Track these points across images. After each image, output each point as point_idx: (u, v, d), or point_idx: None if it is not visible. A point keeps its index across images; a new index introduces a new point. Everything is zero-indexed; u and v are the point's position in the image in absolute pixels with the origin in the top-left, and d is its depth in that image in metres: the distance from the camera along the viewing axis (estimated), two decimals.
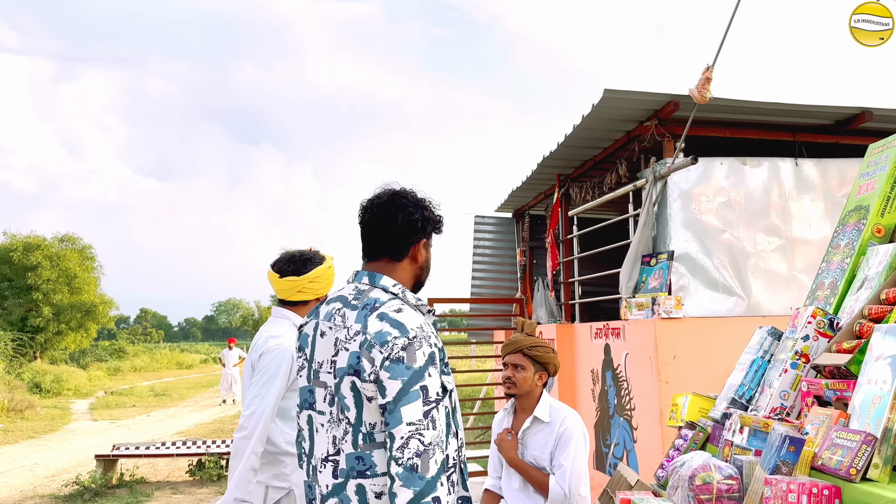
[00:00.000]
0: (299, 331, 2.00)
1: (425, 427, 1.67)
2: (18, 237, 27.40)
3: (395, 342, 1.71)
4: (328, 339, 1.83)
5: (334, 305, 1.88)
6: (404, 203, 1.91)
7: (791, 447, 2.02)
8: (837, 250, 2.82)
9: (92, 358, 31.30)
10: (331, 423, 1.79)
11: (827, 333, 2.46)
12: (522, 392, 3.13)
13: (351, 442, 1.74)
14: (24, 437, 13.22)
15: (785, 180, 5.09)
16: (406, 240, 1.91)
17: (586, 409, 5.94)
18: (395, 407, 1.67)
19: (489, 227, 9.23)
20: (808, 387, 2.32)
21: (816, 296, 2.82)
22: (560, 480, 2.95)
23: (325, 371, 1.81)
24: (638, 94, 4.75)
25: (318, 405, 1.83)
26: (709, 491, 2.14)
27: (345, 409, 1.74)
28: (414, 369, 1.70)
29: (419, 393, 1.69)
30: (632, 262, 5.12)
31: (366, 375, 1.70)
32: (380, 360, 1.70)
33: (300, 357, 1.95)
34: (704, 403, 2.83)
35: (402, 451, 1.65)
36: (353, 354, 1.73)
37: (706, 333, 4.66)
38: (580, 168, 6.52)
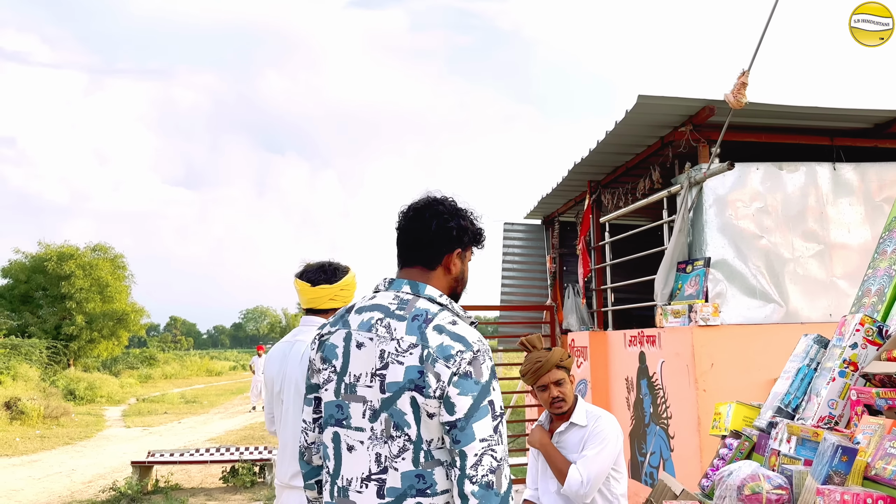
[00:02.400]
0: (319, 340, 1.88)
1: (496, 442, 1.64)
2: (52, 247, 27.94)
3: (461, 356, 1.65)
4: (370, 350, 1.72)
5: (372, 315, 1.77)
6: (440, 210, 1.86)
7: (843, 457, 1.99)
8: (884, 256, 2.77)
9: (124, 365, 31.78)
10: (373, 440, 1.69)
11: (876, 341, 2.42)
12: (570, 403, 3.11)
13: (411, 460, 1.65)
14: (60, 443, 13.44)
15: (822, 185, 5.02)
16: (439, 248, 1.84)
17: (621, 417, 5.89)
18: (466, 424, 1.61)
19: (518, 234, 9.22)
20: (857, 395, 2.28)
21: (863, 303, 2.78)
22: (581, 467, 2.92)
23: (365, 385, 1.71)
24: (672, 99, 4.72)
25: (355, 421, 1.72)
26: (758, 501, 2.11)
27: (402, 425, 1.65)
28: (482, 384, 1.65)
29: (488, 408, 1.64)
30: (667, 269, 5.07)
31: (430, 391, 1.63)
32: (447, 375, 1.63)
33: (325, 369, 1.82)
34: (748, 412, 2.80)
35: (477, 469, 1.60)
36: (412, 369, 1.65)
37: (744, 341, 4.60)
38: (612, 174, 6.49)
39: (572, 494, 2.97)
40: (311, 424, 1.91)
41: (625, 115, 4.94)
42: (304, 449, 1.96)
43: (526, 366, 3.14)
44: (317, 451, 1.93)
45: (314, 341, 1.89)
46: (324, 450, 1.81)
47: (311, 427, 1.90)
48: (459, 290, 1.92)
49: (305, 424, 1.92)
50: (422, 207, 1.86)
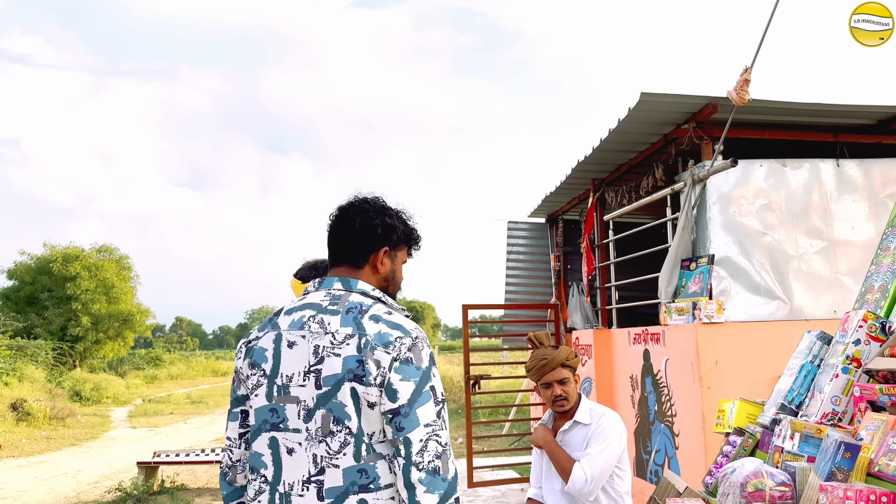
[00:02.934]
0: (246, 347, 1.79)
1: (440, 427, 1.62)
2: (58, 248, 28.05)
3: (400, 342, 1.64)
4: (302, 348, 1.67)
5: (304, 313, 1.73)
6: (365, 208, 1.83)
7: (846, 453, 1.99)
8: (887, 252, 2.76)
9: (129, 366, 31.89)
10: (309, 440, 1.62)
11: (879, 337, 2.42)
12: (573, 403, 3.11)
13: (352, 454, 1.60)
14: (66, 444, 13.50)
15: (826, 181, 5.01)
16: (364, 245, 1.81)
17: (626, 415, 5.89)
18: (410, 409, 1.59)
19: (522, 232, 9.21)
20: (861, 392, 2.28)
21: (866, 299, 2.77)
22: (585, 465, 2.92)
23: (298, 385, 1.65)
24: (675, 96, 4.71)
25: (292, 423, 1.65)
26: (761, 498, 2.11)
27: (343, 418, 1.60)
28: (423, 369, 1.64)
29: (430, 393, 1.63)
30: (671, 267, 5.07)
31: (371, 379, 1.59)
32: (387, 361, 1.60)
33: (253, 374, 1.73)
34: (752, 409, 2.80)
35: (423, 455, 1.57)
36: (350, 359, 1.61)
37: (748, 338, 4.59)
38: (615, 172, 6.48)
39: (576, 492, 2.97)
40: (236, 441, 1.80)
41: (628, 112, 4.93)
42: (227, 468, 1.85)
43: (531, 362, 3.15)
44: (242, 470, 1.82)
45: (240, 350, 1.81)
46: (256, 459, 1.71)
47: (237, 444, 1.80)
48: (391, 291, 1.88)
49: (230, 441, 1.82)
50: (347, 207, 1.85)
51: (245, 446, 1.81)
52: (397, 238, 1.86)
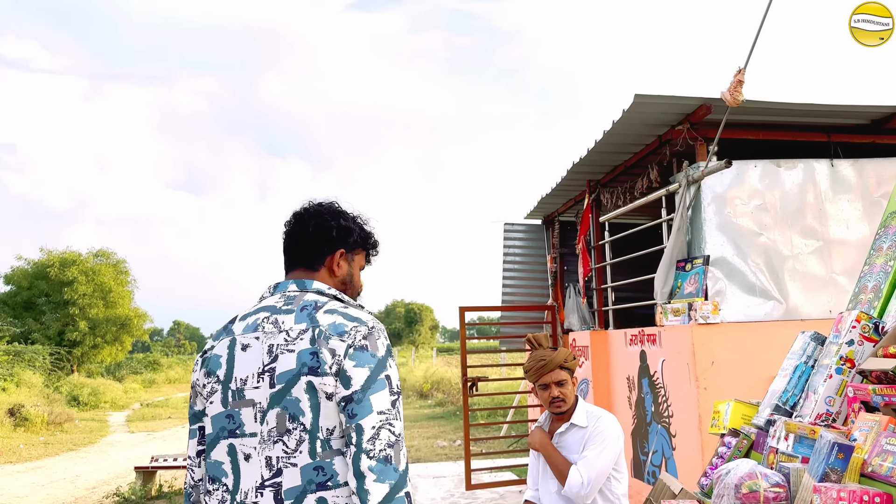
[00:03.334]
0: (202, 358, 1.74)
1: (394, 417, 1.58)
2: (55, 253, 28.01)
3: (355, 330, 1.61)
4: (256, 350, 1.64)
5: (258, 316, 1.70)
6: (319, 211, 1.82)
7: (840, 454, 2.00)
8: (880, 253, 2.77)
9: (127, 371, 31.86)
10: (263, 443, 1.59)
11: (872, 338, 2.42)
12: (571, 404, 3.12)
13: (308, 451, 1.55)
14: (64, 449, 13.47)
15: (821, 182, 5.02)
16: (320, 248, 1.80)
17: (623, 416, 5.89)
18: (363, 396, 1.55)
19: (519, 234, 9.22)
20: (854, 392, 2.29)
21: (860, 299, 2.78)
22: (582, 468, 2.93)
23: (252, 387, 1.61)
24: (669, 98, 4.72)
25: (248, 427, 1.61)
26: (755, 499, 2.11)
27: (298, 415, 1.56)
28: (378, 358, 1.60)
29: (385, 382, 1.59)
30: (667, 268, 5.08)
31: (326, 368, 1.55)
32: (342, 348, 1.57)
33: (208, 382, 1.68)
34: (747, 410, 2.80)
35: (374, 443, 1.53)
36: (304, 352, 1.57)
37: (744, 338, 4.60)
38: (611, 173, 6.49)
39: (573, 495, 2.97)
40: (196, 459, 1.74)
41: (622, 114, 4.94)
42: (190, 489, 1.76)
43: (529, 363, 3.15)
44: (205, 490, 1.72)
45: (196, 363, 1.76)
46: (216, 469, 1.65)
47: (197, 462, 1.73)
48: (350, 294, 1.85)
49: (191, 460, 1.75)
50: (302, 212, 1.84)
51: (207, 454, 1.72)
52: (353, 241, 1.84)
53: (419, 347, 47.83)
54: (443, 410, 16.95)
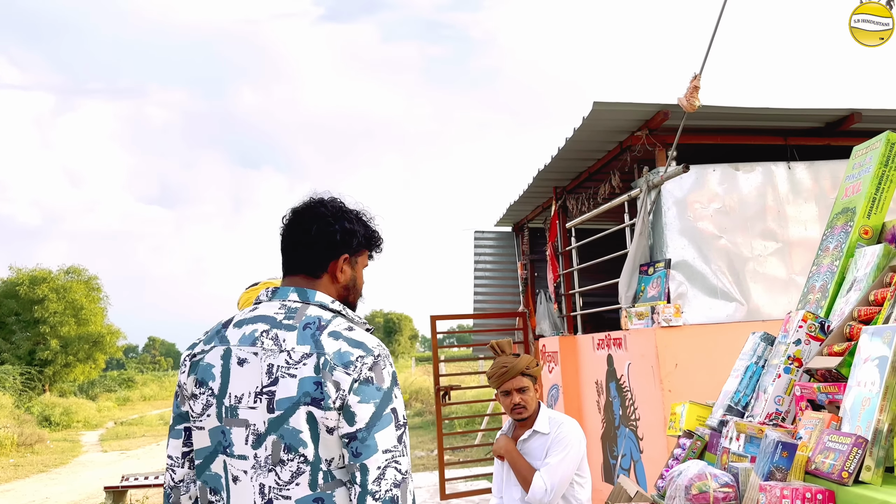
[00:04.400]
0: (191, 362, 1.65)
1: (400, 454, 1.51)
2: (24, 271, 27.58)
3: (361, 362, 1.52)
4: (254, 367, 1.54)
5: (256, 327, 1.59)
6: (322, 212, 1.69)
7: (784, 452, 2.03)
8: (826, 253, 2.83)
9: (101, 389, 31.39)
10: (256, 469, 1.51)
11: (818, 337, 2.47)
12: (532, 411, 3.14)
13: (308, 483, 1.49)
14: (34, 471, 13.22)
15: (778, 184, 5.11)
16: (322, 254, 1.68)
17: (592, 420, 5.93)
18: (368, 434, 1.48)
19: (489, 241, 9.26)
20: (801, 391, 2.33)
21: (808, 299, 2.83)
22: (545, 475, 2.95)
23: (248, 406, 1.53)
24: (627, 105, 4.78)
25: (237, 448, 1.53)
26: (705, 500, 2.14)
27: (297, 445, 1.49)
28: (384, 390, 1.53)
29: (391, 416, 1.52)
30: (630, 272, 5.13)
31: (329, 402, 1.48)
32: (347, 382, 1.49)
33: (201, 393, 1.59)
34: (702, 411, 2.84)
35: (380, 483, 1.47)
36: (307, 380, 1.49)
37: (706, 340, 4.65)
38: (576, 180, 6.55)
39: (536, 502, 2.99)
40: (179, 460, 1.67)
41: (582, 121, 5.00)
42: (169, 489, 1.70)
43: (492, 370, 3.17)
44: (185, 491, 1.69)
45: (184, 363, 1.67)
46: (216, 481, 1.59)
47: (180, 462, 1.67)
48: (352, 300, 1.75)
49: (172, 461, 1.68)
50: (302, 210, 1.71)
51: (189, 465, 1.68)
52: (358, 243, 1.73)
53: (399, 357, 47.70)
54: (421, 420, 16.91)
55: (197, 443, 1.62)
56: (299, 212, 1.71)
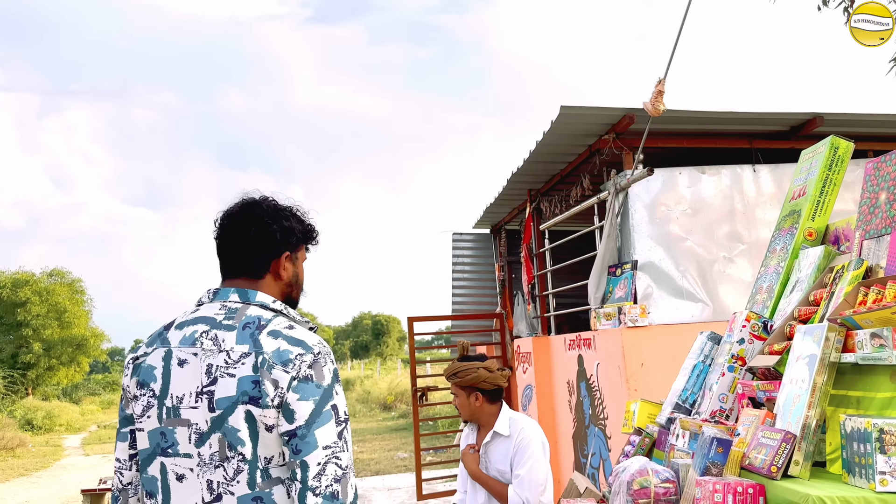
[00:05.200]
0: (133, 364, 1.68)
1: (341, 449, 1.54)
2: (7, 273, 27.35)
3: (300, 359, 1.55)
4: (194, 367, 1.57)
5: (196, 328, 1.62)
6: (258, 213, 1.71)
7: (719, 448, 2.09)
8: (774, 254, 2.91)
9: (85, 392, 31.14)
10: (202, 466, 1.54)
11: (761, 336, 2.54)
12: (467, 417, 3.22)
13: (246, 482, 1.52)
14: (14, 475, 13.15)
15: (744, 186, 5.20)
16: (263, 255, 1.70)
17: (564, 420, 6.00)
18: (307, 431, 1.51)
19: (467, 243, 9.33)
20: (742, 389, 2.40)
21: (756, 300, 2.91)
22: (518, 489, 3.01)
23: (189, 406, 1.56)
24: (593, 109, 4.85)
25: (182, 447, 1.56)
26: (646, 495, 2.20)
27: (236, 444, 1.52)
28: (324, 387, 1.55)
29: (331, 413, 1.55)
30: (598, 273, 5.20)
31: (268, 401, 1.51)
32: (286, 380, 1.52)
33: (143, 395, 1.62)
34: (653, 409, 2.91)
35: (320, 479, 1.50)
36: (245, 380, 1.52)
37: (671, 340, 4.72)
38: (549, 182, 6.63)
39: None
40: (126, 462, 1.71)
41: (550, 125, 5.07)
42: (118, 492, 1.73)
43: None
44: (134, 493, 1.72)
45: (127, 366, 1.70)
46: (151, 484, 1.62)
47: (127, 465, 1.71)
48: (295, 295, 1.79)
49: (119, 464, 1.72)
50: (237, 212, 1.72)
51: (136, 468, 1.70)
52: (296, 239, 1.76)
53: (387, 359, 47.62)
54: (406, 422, 16.93)
55: (139, 445, 1.65)
56: (235, 214, 1.72)
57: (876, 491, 1.70)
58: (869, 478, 1.73)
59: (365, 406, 21.23)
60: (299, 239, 1.77)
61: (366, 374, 30.42)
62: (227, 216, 1.74)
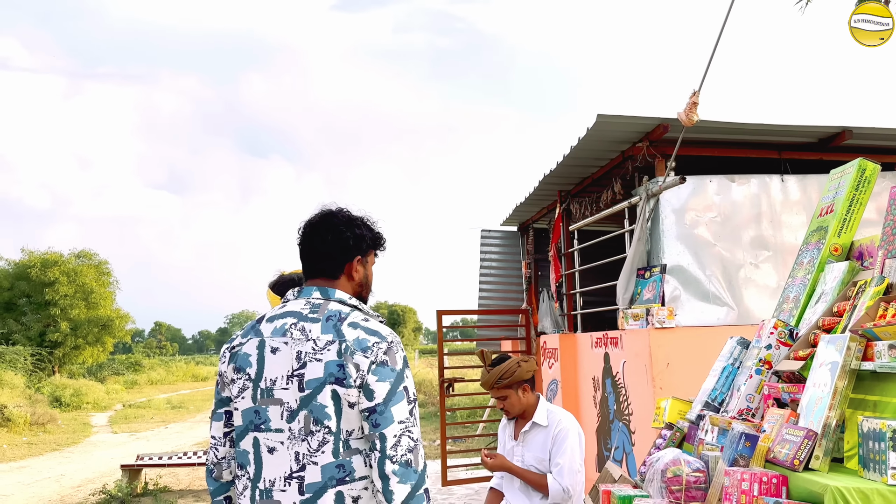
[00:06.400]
0: (231, 353, 1.93)
1: (412, 424, 1.79)
2: (36, 254, 27.97)
3: (377, 346, 1.80)
4: (285, 354, 1.82)
5: (286, 321, 1.87)
6: (335, 222, 1.96)
7: (747, 443, 2.33)
8: (801, 267, 3.12)
9: (109, 371, 31.82)
10: (292, 440, 1.79)
11: (787, 342, 2.76)
12: (519, 412, 3.44)
13: (331, 451, 1.76)
14: (47, 449, 13.61)
15: (771, 196, 5.38)
16: (338, 259, 1.96)
17: (588, 414, 6.23)
18: (385, 408, 1.75)
19: (495, 240, 9.55)
20: (769, 390, 2.63)
21: (783, 308, 3.12)
22: (558, 477, 3.23)
23: (282, 387, 1.80)
24: (629, 118, 5.05)
25: (274, 423, 1.80)
26: (679, 482, 2.44)
27: (322, 419, 1.76)
28: (397, 371, 1.80)
29: (403, 393, 1.79)
30: (628, 275, 5.41)
31: (351, 381, 1.75)
32: (366, 364, 1.77)
33: (239, 378, 1.87)
34: (683, 406, 3.13)
35: (396, 449, 1.74)
36: (331, 363, 1.76)
37: (697, 342, 4.93)
38: (579, 185, 6.83)
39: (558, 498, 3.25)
40: (221, 439, 1.97)
41: (586, 132, 5.27)
42: (213, 465, 2.00)
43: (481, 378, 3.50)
44: (227, 467, 1.98)
45: (223, 355, 1.96)
46: (243, 457, 1.86)
47: (222, 442, 1.97)
48: (365, 294, 2.04)
49: (215, 440, 1.98)
50: (317, 222, 1.98)
51: (230, 444, 1.96)
52: (366, 245, 2.01)
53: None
54: (424, 411, 17.23)
55: (235, 422, 1.91)
56: (315, 223, 1.98)
57: (888, 484, 1.93)
58: (882, 472, 1.95)
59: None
60: (369, 245, 2.03)
61: None
62: (308, 225, 2.00)
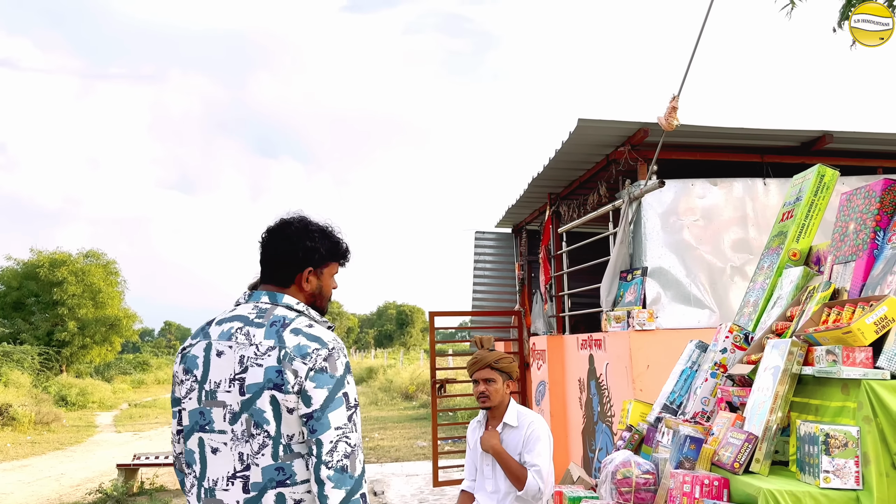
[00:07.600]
0: (181, 354, 1.99)
1: (350, 430, 1.81)
2: (44, 253, 28.25)
3: (317, 353, 1.83)
4: (229, 357, 1.86)
5: (232, 325, 1.91)
6: (288, 233, 1.99)
7: (692, 445, 2.37)
8: (762, 271, 3.15)
9: (116, 371, 32.09)
10: (234, 440, 1.83)
11: (742, 346, 2.80)
12: (496, 403, 3.49)
13: (270, 454, 1.80)
14: (50, 448, 13.76)
15: (754, 199, 5.40)
16: (288, 269, 1.99)
17: (574, 416, 6.27)
18: (322, 414, 1.79)
19: (489, 242, 9.60)
20: (721, 393, 2.67)
21: (743, 312, 3.16)
22: (537, 477, 3.27)
23: (225, 390, 1.85)
24: (609, 122, 5.09)
25: (217, 425, 1.86)
26: (628, 484, 2.49)
27: (262, 423, 1.80)
28: (336, 378, 1.83)
29: (342, 400, 1.82)
30: (611, 278, 5.45)
31: (289, 388, 1.79)
32: (304, 371, 1.80)
33: (187, 379, 1.93)
34: (644, 409, 3.17)
35: (332, 455, 1.78)
36: (270, 369, 1.81)
37: (677, 344, 4.92)
38: (568, 187, 6.87)
39: (530, 497, 3.30)
40: (176, 436, 2.02)
41: (568, 136, 5.32)
42: (175, 458, 2.09)
43: (469, 360, 3.55)
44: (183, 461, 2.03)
45: (178, 355, 2.02)
46: (190, 456, 1.92)
47: (177, 439, 2.01)
48: (319, 304, 2.06)
49: (173, 436, 2.05)
50: (274, 230, 2.03)
51: (184, 440, 1.99)
52: (320, 257, 2.02)
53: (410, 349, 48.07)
54: (426, 412, 17.29)
55: (182, 422, 1.97)
56: (272, 230, 2.03)
57: (820, 487, 1.97)
58: (815, 475, 1.99)
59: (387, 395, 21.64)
60: (324, 257, 2.04)
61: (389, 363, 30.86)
62: (266, 231, 2.05)
